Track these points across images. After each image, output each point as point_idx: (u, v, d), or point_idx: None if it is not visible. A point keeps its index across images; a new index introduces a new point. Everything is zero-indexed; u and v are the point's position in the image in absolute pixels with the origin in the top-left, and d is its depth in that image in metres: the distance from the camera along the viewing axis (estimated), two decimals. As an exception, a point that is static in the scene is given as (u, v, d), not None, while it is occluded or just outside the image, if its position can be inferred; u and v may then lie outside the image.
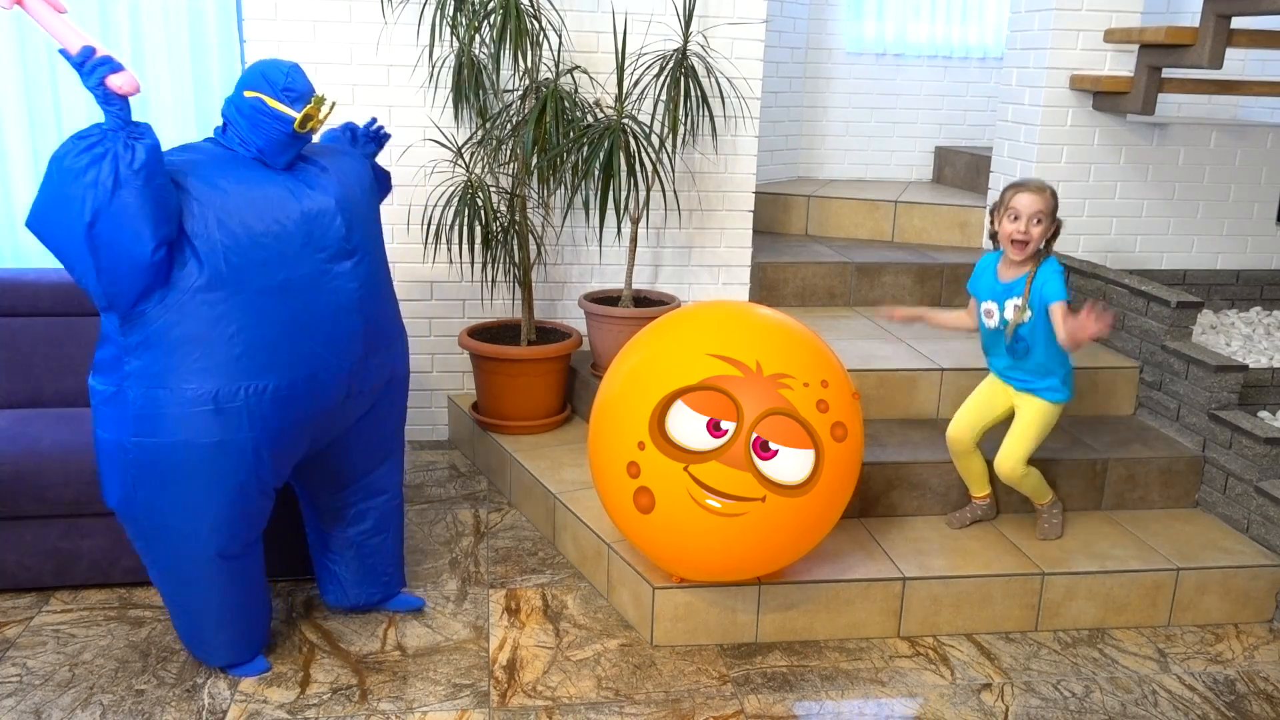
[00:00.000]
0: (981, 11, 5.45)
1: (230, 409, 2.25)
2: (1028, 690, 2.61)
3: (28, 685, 2.47)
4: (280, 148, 2.34)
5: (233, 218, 2.24)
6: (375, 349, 2.49)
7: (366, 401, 2.53)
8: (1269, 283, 4.45)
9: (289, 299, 2.30)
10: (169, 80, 3.69)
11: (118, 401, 2.25)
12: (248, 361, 2.26)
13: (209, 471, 2.27)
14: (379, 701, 2.45)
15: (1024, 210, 2.77)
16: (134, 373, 2.24)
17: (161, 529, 2.33)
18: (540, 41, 3.58)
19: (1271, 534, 3.01)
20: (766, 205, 4.82)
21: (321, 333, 2.35)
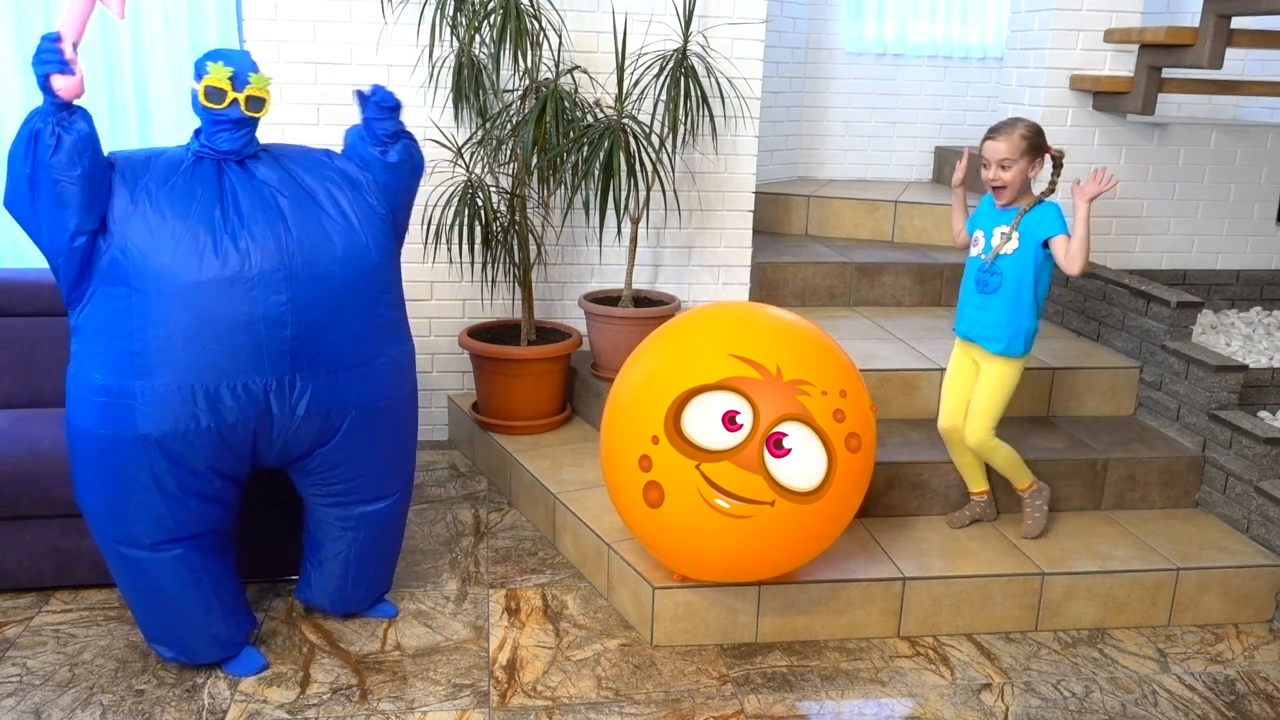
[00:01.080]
0: (981, 11, 5.45)
1: (122, 404, 2.25)
2: (1028, 690, 2.61)
3: (28, 685, 2.47)
4: (208, 130, 2.34)
5: (145, 224, 2.25)
6: (313, 371, 2.38)
7: (312, 426, 2.42)
8: (1269, 283, 4.45)
9: (196, 304, 2.25)
10: (169, 80, 3.69)
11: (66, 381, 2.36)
12: (144, 360, 2.24)
13: (110, 463, 2.29)
14: (379, 701, 2.45)
15: (991, 157, 2.79)
16: (72, 354, 2.34)
17: (89, 515, 2.40)
18: (540, 41, 3.58)
19: (1271, 534, 3.01)
20: (766, 205, 4.82)
21: (233, 342, 2.28)
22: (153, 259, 2.23)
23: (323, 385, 2.40)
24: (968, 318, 2.94)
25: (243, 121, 2.35)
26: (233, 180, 2.35)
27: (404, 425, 2.63)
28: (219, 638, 2.51)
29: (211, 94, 2.30)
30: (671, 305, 3.76)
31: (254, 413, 2.34)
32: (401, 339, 2.58)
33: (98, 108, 3.67)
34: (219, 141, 2.35)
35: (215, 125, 2.34)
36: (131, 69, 3.67)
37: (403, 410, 2.61)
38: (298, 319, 2.33)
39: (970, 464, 3.06)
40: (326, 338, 2.39)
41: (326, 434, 2.46)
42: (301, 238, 2.35)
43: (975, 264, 2.91)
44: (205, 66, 2.30)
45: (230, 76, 2.30)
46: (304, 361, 2.36)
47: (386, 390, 2.53)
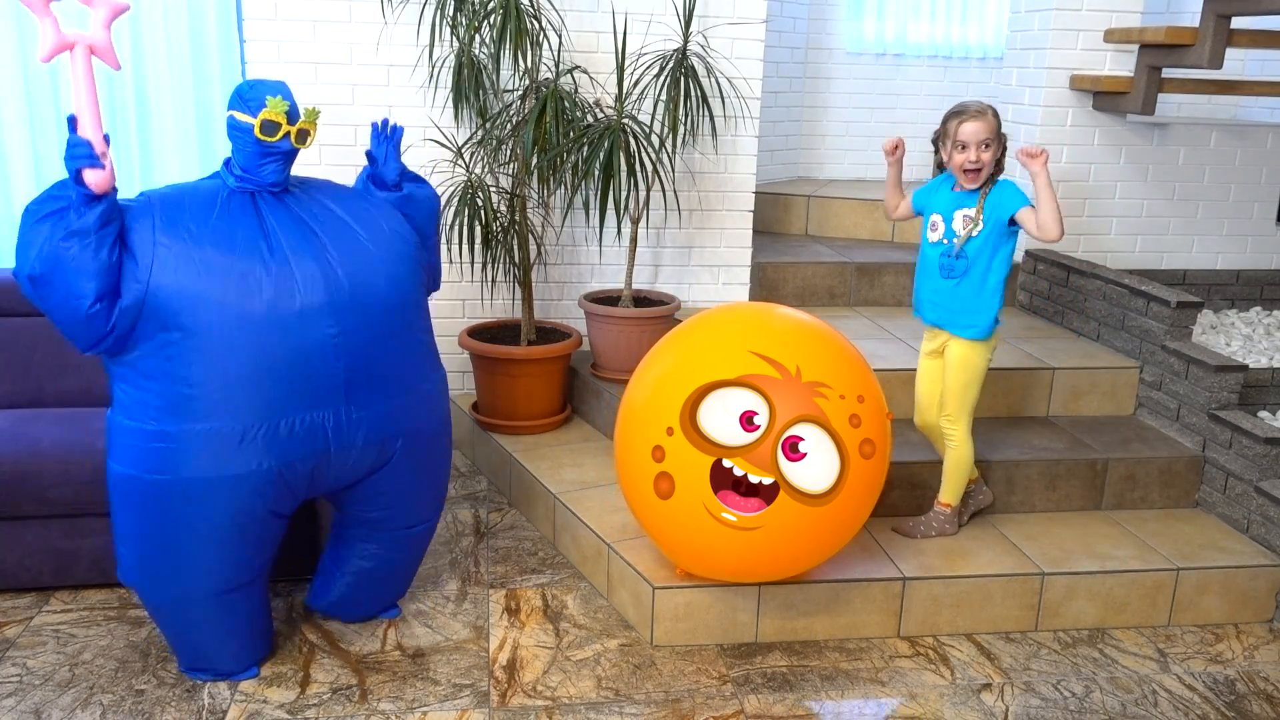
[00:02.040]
0: (981, 11, 5.45)
1: (178, 449, 2.23)
2: (1028, 690, 2.61)
3: (28, 685, 2.47)
4: (253, 162, 2.32)
5: (190, 266, 2.21)
6: (366, 402, 2.38)
7: (368, 457, 2.44)
8: (1269, 283, 4.45)
9: (248, 345, 2.23)
10: (169, 80, 3.69)
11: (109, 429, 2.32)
12: (200, 403, 2.22)
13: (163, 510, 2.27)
14: (379, 701, 2.45)
15: (971, 139, 2.75)
16: (115, 400, 2.30)
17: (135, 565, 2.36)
18: (540, 41, 3.58)
19: (1271, 534, 3.01)
20: (766, 205, 4.82)
21: (287, 380, 2.26)
22: (204, 298, 2.20)
23: (377, 414, 2.41)
24: (935, 304, 2.89)
25: (290, 154, 2.35)
26: (270, 212, 2.33)
27: (444, 450, 2.65)
28: (241, 658, 2.52)
29: (267, 128, 2.28)
30: (671, 305, 3.76)
31: (313, 448, 2.33)
32: (437, 364, 2.61)
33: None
34: (265, 174, 2.33)
35: (265, 158, 2.32)
36: (131, 69, 3.67)
37: (443, 435, 2.63)
38: (349, 350, 2.33)
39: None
40: (377, 367, 2.39)
41: (380, 463, 2.48)
42: (344, 266, 2.35)
43: (937, 249, 2.85)
44: (264, 99, 2.28)
45: (286, 110, 2.29)
46: (358, 392, 2.37)
47: (430, 416, 2.56)
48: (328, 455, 2.36)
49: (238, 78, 3.71)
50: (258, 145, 2.30)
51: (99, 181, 2.12)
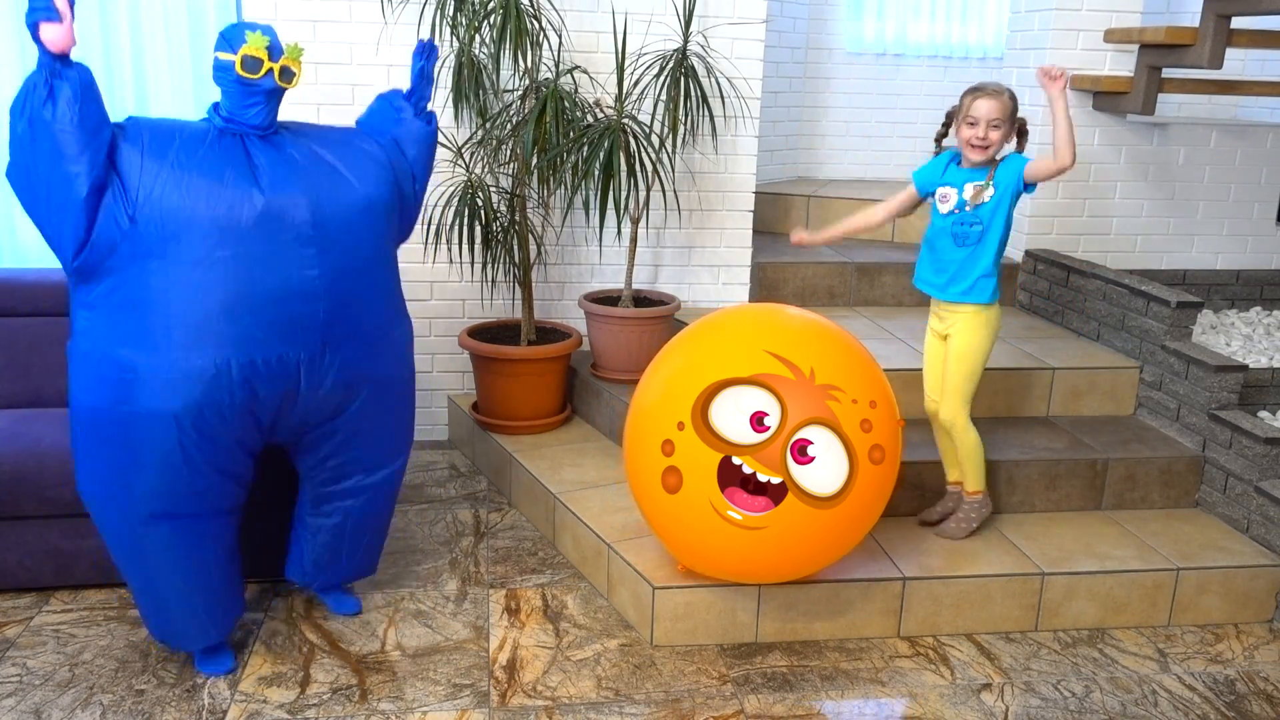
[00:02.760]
0: (981, 11, 5.45)
1: (149, 379, 2.22)
2: (1028, 690, 2.61)
3: (28, 685, 2.47)
4: (238, 103, 2.31)
5: (177, 190, 2.22)
6: (340, 344, 2.40)
7: (334, 399, 2.45)
8: (1269, 283, 4.45)
9: (231, 277, 2.23)
10: (169, 80, 3.69)
11: (70, 358, 2.31)
12: (176, 334, 2.22)
13: (128, 439, 2.26)
14: (379, 701, 2.45)
15: (981, 116, 2.76)
16: (80, 330, 2.29)
17: (95, 493, 2.36)
18: (540, 41, 3.58)
19: (1271, 534, 3.01)
20: (766, 205, 4.82)
21: (267, 316, 2.28)
22: (190, 224, 2.21)
23: (349, 358, 2.43)
24: (948, 273, 2.88)
25: (274, 93, 2.34)
26: (258, 152, 2.33)
27: (407, 399, 2.66)
28: (205, 623, 2.48)
29: (249, 63, 2.27)
30: (671, 305, 3.76)
31: (285, 386, 2.34)
32: (405, 314, 2.63)
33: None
34: (250, 115, 2.33)
35: (248, 98, 2.31)
36: (131, 69, 3.67)
37: (408, 384, 2.65)
38: (329, 291, 2.34)
39: (952, 448, 3.04)
40: (354, 310, 2.41)
41: (344, 406, 2.48)
42: (330, 206, 2.36)
43: (949, 219, 2.87)
44: (243, 35, 2.27)
45: (267, 46, 2.28)
46: (334, 334, 2.38)
47: (398, 364, 2.58)
48: (296, 393, 2.37)
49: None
50: (240, 84, 2.30)
51: (55, 37, 2.09)
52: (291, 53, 2.33)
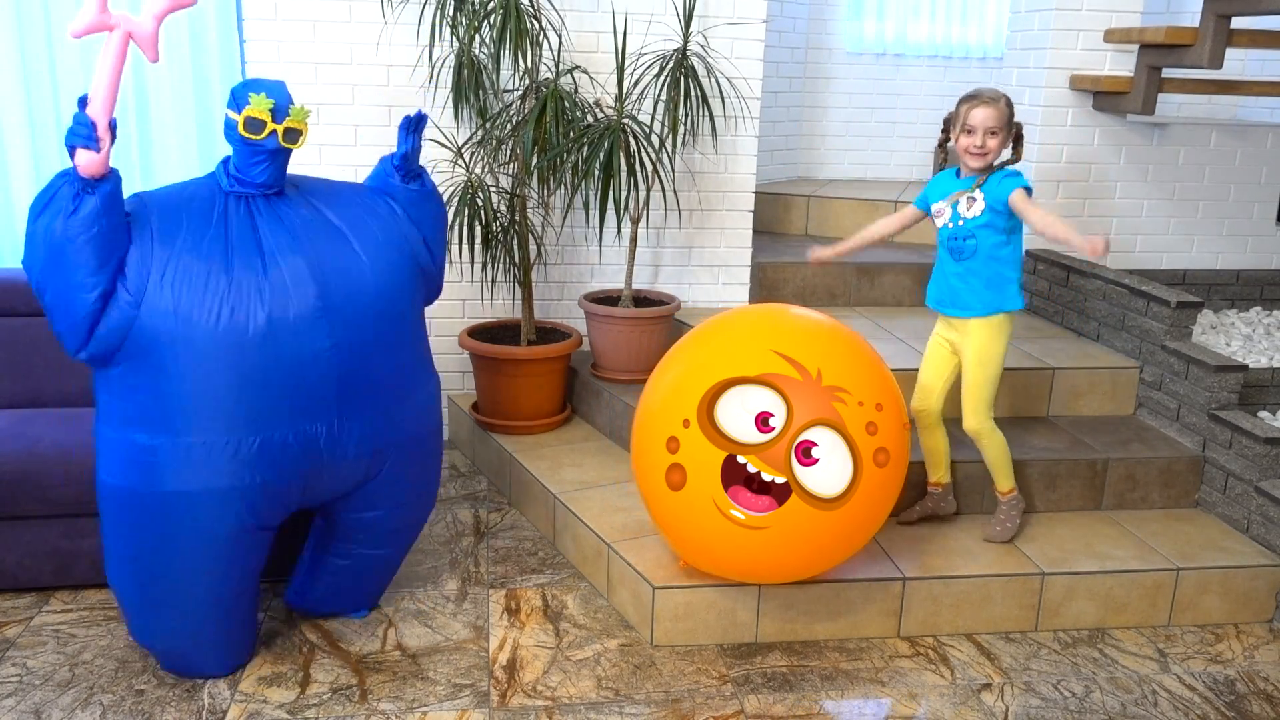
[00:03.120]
0: (981, 11, 5.45)
1: (165, 461, 2.22)
2: (1028, 690, 2.61)
3: (28, 685, 2.47)
4: (245, 161, 2.31)
5: (184, 281, 2.20)
6: (359, 412, 2.37)
7: (360, 467, 2.43)
8: (1269, 283, 4.45)
9: (240, 358, 2.22)
10: (169, 80, 3.69)
11: (95, 439, 2.32)
12: (188, 417, 2.21)
13: (149, 520, 2.27)
14: (379, 701, 2.45)
15: (978, 124, 2.77)
16: (101, 410, 2.30)
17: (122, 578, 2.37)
18: (540, 41, 3.58)
19: (1271, 534, 3.01)
20: (766, 205, 4.82)
21: (279, 393, 2.25)
22: (196, 315, 2.20)
23: (370, 425, 2.41)
24: (950, 288, 2.90)
25: (278, 153, 2.33)
26: (264, 221, 2.32)
27: (435, 455, 2.65)
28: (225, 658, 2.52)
29: (251, 125, 2.27)
30: (671, 305, 3.76)
31: (306, 461, 2.33)
32: (431, 371, 2.62)
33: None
34: (254, 174, 2.32)
35: (253, 157, 2.31)
36: (131, 69, 3.67)
37: (435, 440, 2.63)
38: (341, 361, 2.32)
39: (937, 449, 3.03)
40: (370, 378, 2.38)
41: (373, 472, 2.48)
42: (337, 277, 2.33)
43: (945, 233, 2.89)
44: (247, 97, 2.27)
45: (271, 109, 2.27)
46: (350, 403, 2.36)
47: (423, 424, 2.56)
48: (320, 467, 2.36)
49: (238, 78, 3.71)
50: (244, 144, 2.30)
51: (88, 163, 2.11)
52: (296, 115, 2.32)
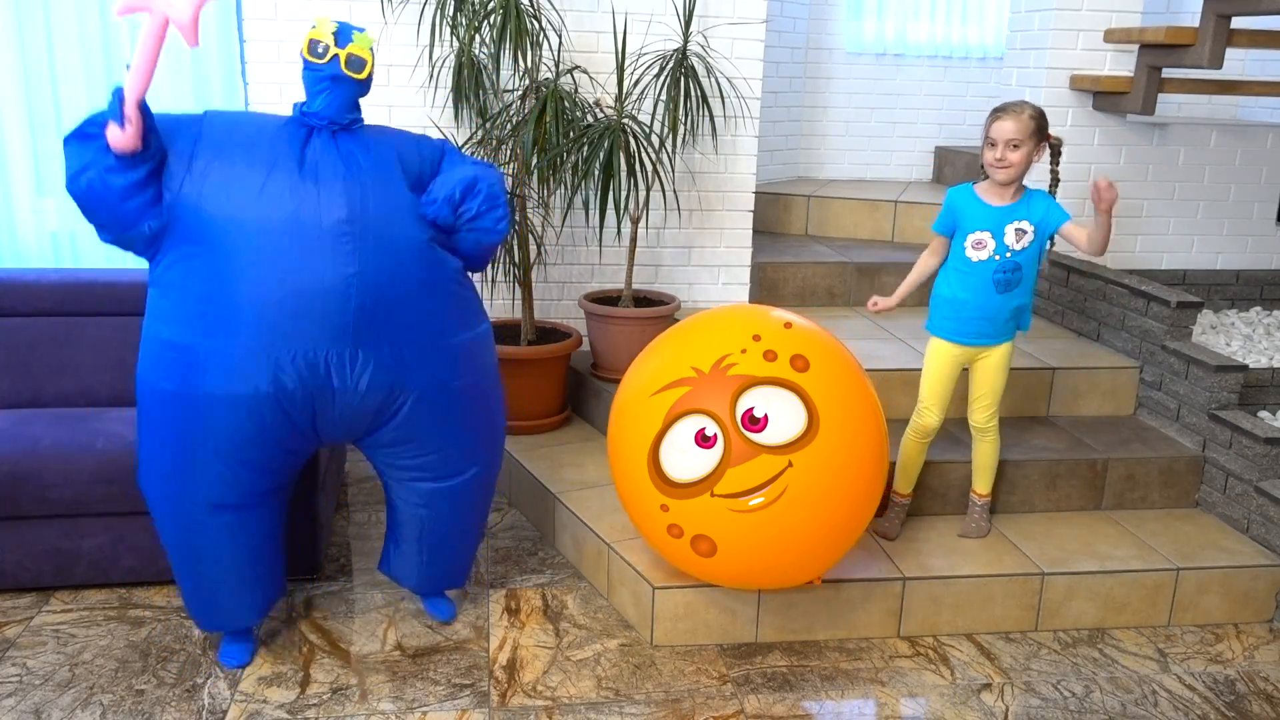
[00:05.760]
0: (981, 11, 5.46)
1: (191, 361, 2.25)
2: (1028, 690, 2.61)
3: (28, 685, 2.47)
4: (309, 88, 2.32)
5: (228, 177, 2.24)
6: (379, 345, 2.34)
7: (372, 402, 2.38)
8: (1269, 283, 4.45)
9: (265, 265, 2.23)
10: (169, 80, 3.69)
11: (141, 337, 2.36)
12: (212, 320, 2.24)
13: (174, 418, 2.30)
14: (379, 701, 2.45)
15: (1000, 137, 2.71)
16: (146, 307, 2.35)
17: (146, 468, 2.40)
18: (540, 41, 3.58)
19: (1271, 534, 3.01)
20: (766, 205, 4.82)
21: (295, 311, 2.24)
22: (225, 217, 2.23)
23: (386, 361, 2.36)
24: (990, 320, 2.82)
25: (339, 80, 2.29)
26: (316, 147, 2.31)
27: (480, 408, 2.57)
28: (249, 605, 2.53)
29: (313, 47, 2.26)
30: (671, 305, 3.76)
31: (313, 384, 2.31)
32: (474, 319, 2.54)
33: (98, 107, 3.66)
34: (317, 104, 2.31)
35: (316, 84, 2.30)
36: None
37: (478, 393, 2.55)
38: (364, 291, 2.29)
39: (919, 462, 3.01)
40: (393, 313, 2.34)
41: (389, 411, 2.43)
42: (374, 203, 2.31)
43: (989, 266, 2.77)
44: (315, 20, 2.26)
45: (335, 31, 2.26)
46: (367, 336, 2.32)
47: (459, 373, 2.48)
48: (329, 394, 2.33)
49: (238, 78, 3.72)
50: (307, 69, 2.29)
51: (115, 138, 2.14)
52: (361, 41, 2.29)
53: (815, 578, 2.63)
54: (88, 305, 3.09)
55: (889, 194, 4.93)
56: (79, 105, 3.64)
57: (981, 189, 2.82)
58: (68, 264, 3.77)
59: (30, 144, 3.66)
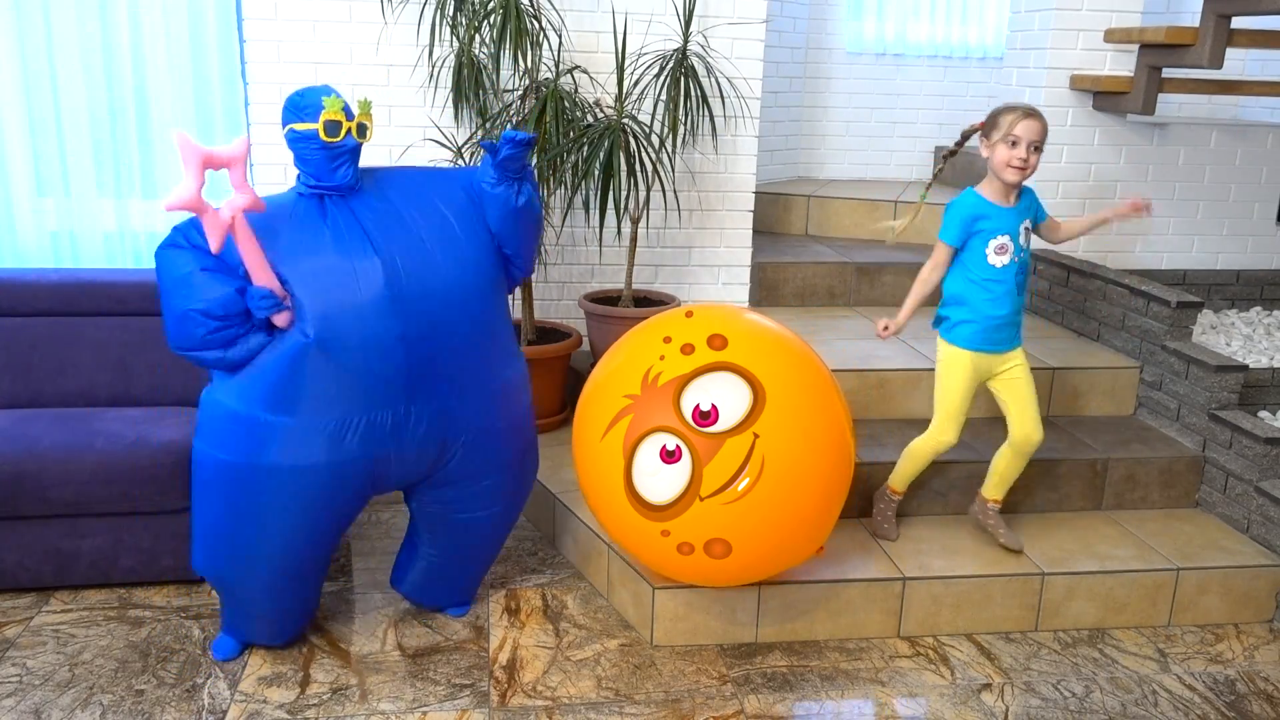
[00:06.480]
0: (981, 11, 5.46)
1: (256, 435, 2.28)
2: (1028, 690, 2.61)
3: (28, 685, 2.47)
4: (322, 166, 2.33)
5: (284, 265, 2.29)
6: (429, 399, 2.37)
7: (431, 452, 2.43)
8: (1269, 283, 4.45)
9: (318, 342, 2.26)
10: (169, 80, 3.69)
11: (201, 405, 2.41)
12: (275, 396, 2.27)
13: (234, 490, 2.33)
14: (379, 701, 2.45)
15: (1025, 136, 2.64)
16: (212, 380, 2.39)
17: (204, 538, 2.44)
18: (540, 41, 3.58)
19: (1271, 534, 3.01)
20: (766, 205, 4.82)
21: (350, 379, 2.29)
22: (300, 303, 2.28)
23: (438, 413, 2.41)
24: (1011, 325, 2.79)
25: (355, 150, 2.36)
26: (336, 213, 2.35)
27: (518, 446, 2.61)
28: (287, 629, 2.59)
29: (331, 128, 2.29)
30: (672, 305, 3.76)
31: (375, 448, 2.35)
32: (512, 358, 2.58)
33: (98, 108, 3.67)
34: (339, 177, 2.35)
35: (334, 161, 2.33)
36: (131, 69, 3.67)
37: (518, 432, 2.60)
38: (411, 348, 2.32)
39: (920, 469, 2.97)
40: (439, 364, 2.38)
41: (443, 458, 2.48)
42: (405, 263, 2.34)
43: (1012, 270, 2.74)
44: (320, 101, 2.29)
45: (343, 108, 2.31)
46: (420, 392, 2.36)
47: (500, 414, 2.53)
48: (388, 454, 2.37)
49: (238, 78, 3.72)
50: (324, 150, 2.32)
51: (286, 321, 2.27)
52: (364, 108, 2.36)
53: (820, 544, 2.62)
54: (88, 305, 3.09)
55: (889, 194, 4.93)
56: (79, 105, 3.64)
57: (987, 192, 2.77)
58: (68, 264, 3.77)
59: (30, 144, 3.66)
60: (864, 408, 3.50)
